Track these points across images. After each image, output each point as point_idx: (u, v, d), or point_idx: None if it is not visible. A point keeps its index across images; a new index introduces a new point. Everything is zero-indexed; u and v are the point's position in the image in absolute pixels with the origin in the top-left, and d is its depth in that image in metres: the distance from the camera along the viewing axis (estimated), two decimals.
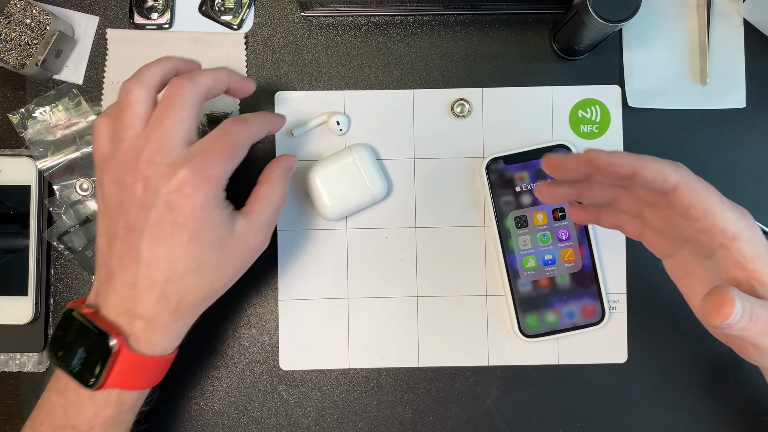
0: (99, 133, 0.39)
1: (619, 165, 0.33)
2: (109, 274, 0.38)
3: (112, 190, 0.38)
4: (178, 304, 0.38)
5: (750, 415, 0.51)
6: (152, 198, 0.36)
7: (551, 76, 0.51)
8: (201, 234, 0.37)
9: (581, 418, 0.51)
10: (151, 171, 0.36)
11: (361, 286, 0.51)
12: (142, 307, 0.37)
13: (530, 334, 0.49)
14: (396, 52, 0.52)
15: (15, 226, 0.50)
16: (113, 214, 0.38)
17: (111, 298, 0.37)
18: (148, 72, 0.39)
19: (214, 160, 0.37)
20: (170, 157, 0.36)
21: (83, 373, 0.37)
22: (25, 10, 0.48)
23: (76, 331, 0.37)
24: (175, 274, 0.37)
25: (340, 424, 0.51)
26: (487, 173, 0.49)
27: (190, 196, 0.36)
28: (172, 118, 0.37)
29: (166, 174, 0.36)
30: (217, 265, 0.38)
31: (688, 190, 0.33)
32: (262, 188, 0.42)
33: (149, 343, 0.38)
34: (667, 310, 0.51)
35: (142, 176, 0.36)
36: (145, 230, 0.36)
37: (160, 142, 0.36)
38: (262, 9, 0.52)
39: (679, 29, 0.51)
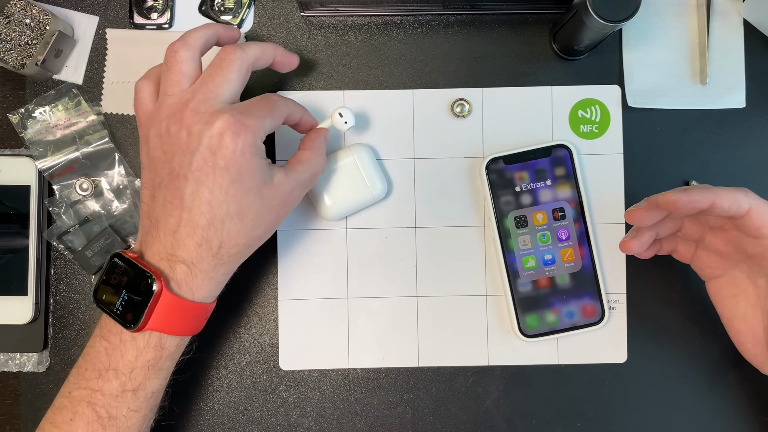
0: (141, 94, 0.41)
1: (698, 201, 0.38)
2: (153, 222, 0.39)
3: (157, 141, 0.39)
4: (219, 249, 0.39)
5: (750, 415, 0.51)
6: (195, 143, 0.38)
7: (551, 76, 0.51)
8: (241, 178, 0.38)
9: (581, 418, 0.51)
10: (195, 119, 0.38)
11: (361, 286, 0.51)
12: (184, 252, 0.38)
13: (530, 334, 0.49)
14: (396, 52, 0.52)
15: (15, 226, 0.50)
16: (158, 164, 0.39)
17: (154, 244, 0.39)
18: (194, 35, 0.41)
19: (254, 111, 0.39)
20: (215, 107, 0.39)
21: (125, 314, 0.38)
22: (24, 10, 0.48)
23: (120, 274, 0.39)
24: (217, 217, 0.38)
25: (340, 424, 0.51)
26: (487, 173, 0.49)
27: (231, 140, 0.38)
28: (221, 77, 0.39)
29: (209, 120, 0.38)
30: (257, 212, 0.40)
31: (759, 212, 0.38)
32: (305, 153, 0.44)
33: (189, 288, 0.39)
34: (667, 310, 0.51)
35: (186, 124, 0.38)
36: (188, 174, 0.38)
37: (206, 95, 0.39)
38: (262, 9, 0.52)
39: (679, 29, 0.51)
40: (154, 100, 0.41)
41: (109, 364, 0.39)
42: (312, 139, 0.45)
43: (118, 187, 0.50)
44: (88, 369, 0.40)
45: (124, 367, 0.39)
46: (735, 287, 0.43)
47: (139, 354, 0.39)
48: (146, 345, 0.39)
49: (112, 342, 0.39)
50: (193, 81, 0.40)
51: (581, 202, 0.50)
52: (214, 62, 0.40)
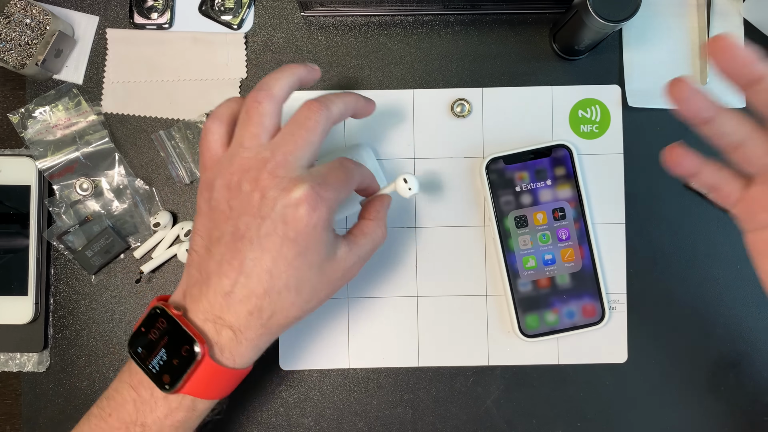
0: (212, 136, 0.39)
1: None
2: (204, 277, 0.37)
3: (223, 194, 0.37)
4: (269, 319, 0.37)
5: (750, 415, 0.51)
6: (268, 209, 0.36)
7: (551, 76, 0.51)
8: (307, 252, 0.37)
9: (581, 418, 0.51)
10: (272, 183, 0.36)
11: (361, 286, 0.51)
12: (234, 317, 0.37)
13: (530, 334, 0.49)
14: (396, 52, 0.52)
15: (15, 226, 0.50)
16: (220, 218, 0.37)
17: (201, 302, 0.37)
18: (278, 85, 0.39)
19: (332, 184, 0.38)
20: (293, 173, 0.37)
21: (162, 374, 0.36)
22: (25, 10, 0.48)
23: (160, 330, 0.37)
24: (274, 288, 0.36)
25: (340, 424, 0.51)
26: (487, 173, 0.49)
27: (307, 214, 0.36)
28: (303, 139, 0.37)
29: (287, 188, 0.36)
30: (314, 286, 0.38)
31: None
32: (369, 224, 0.42)
33: (231, 354, 0.37)
34: (667, 310, 0.51)
35: (261, 186, 0.36)
36: (254, 239, 0.36)
37: (286, 157, 0.37)
38: (262, 9, 0.52)
39: (679, 29, 0.51)
40: (224, 144, 0.39)
41: (137, 419, 0.37)
42: (377, 209, 0.43)
43: (118, 187, 0.50)
44: (112, 415, 0.38)
45: (153, 423, 0.37)
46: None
47: (169, 413, 0.37)
48: (179, 406, 0.37)
49: (142, 395, 0.37)
50: (272, 135, 0.38)
51: (581, 202, 0.50)
52: (297, 119, 0.38)
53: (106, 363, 0.51)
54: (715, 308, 0.45)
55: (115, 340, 0.51)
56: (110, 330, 0.51)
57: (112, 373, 0.51)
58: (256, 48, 0.51)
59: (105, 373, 0.51)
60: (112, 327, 0.51)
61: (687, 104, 0.33)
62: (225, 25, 0.51)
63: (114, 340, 0.51)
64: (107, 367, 0.51)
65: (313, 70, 0.42)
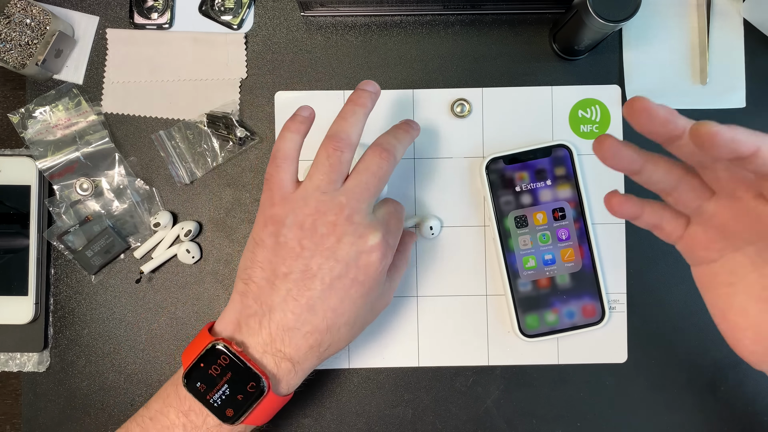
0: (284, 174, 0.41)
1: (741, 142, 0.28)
2: (265, 309, 0.39)
3: (296, 232, 0.39)
4: (325, 351, 0.40)
5: (750, 415, 0.51)
6: (344, 253, 0.38)
7: (551, 76, 0.51)
8: (369, 293, 0.40)
9: (581, 418, 0.51)
10: (349, 228, 0.39)
11: None
12: (294, 351, 0.39)
13: (530, 334, 0.49)
14: (396, 52, 0.52)
15: (15, 226, 0.50)
16: (289, 255, 0.39)
17: (261, 334, 0.38)
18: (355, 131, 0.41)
19: (394, 231, 0.41)
20: (366, 220, 0.39)
21: (224, 408, 0.38)
22: (25, 10, 0.48)
23: (223, 366, 0.38)
24: (336, 324, 0.39)
25: (340, 424, 0.51)
26: (487, 173, 0.49)
27: (378, 261, 0.39)
28: (375, 187, 0.40)
29: (363, 234, 0.39)
30: (365, 320, 0.42)
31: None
32: (401, 257, 0.45)
33: (287, 384, 0.39)
34: (667, 310, 0.51)
35: (338, 231, 0.38)
36: (326, 279, 0.38)
37: (361, 205, 0.39)
38: (262, 9, 0.52)
39: (679, 29, 0.51)
40: (295, 182, 0.41)
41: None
42: (405, 242, 0.46)
43: (118, 187, 0.50)
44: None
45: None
46: (733, 274, 0.34)
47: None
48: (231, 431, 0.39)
49: (194, 421, 0.38)
50: (344, 180, 0.40)
51: (581, 202, 0.50)
52: (369, 167, 0.40)
53: (106, 363, 0.51)
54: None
55: (115, 340, 0.51)
56: (110, 330, 0.51)
57: (112, 373, 0.51)
58: (256, 48, 0.52)
59: (105, 373, 0.51)
60: (112, 327, 0.51)
61: (614, 160, 0.33)
62: (225, 25, 0.51)
63: (114, 340, 0.51)
64: (107, 367, 0.51)
65: (414, 129, 0.45)
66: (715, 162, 0.32)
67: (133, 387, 0.51)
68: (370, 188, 0.40)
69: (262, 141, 0.51)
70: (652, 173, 0.34)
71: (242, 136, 0.50)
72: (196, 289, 0.51)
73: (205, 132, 0.50)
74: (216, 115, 0.50)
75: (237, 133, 0.50)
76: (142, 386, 0.51)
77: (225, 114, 0.50)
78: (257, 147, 0.51)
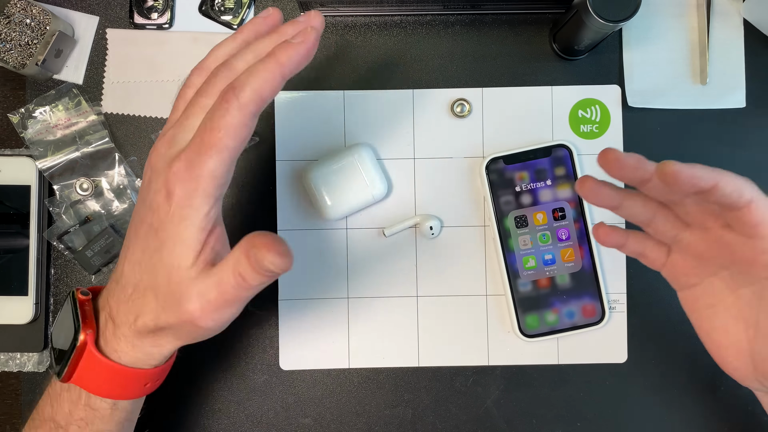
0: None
1: (701, 178, 0.32)
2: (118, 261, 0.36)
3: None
4: (135, 321, 0.34)
5: (750, 415, 0.51)
6: (142, 198, 0.35)
7: (551, 76, 0.51)
8: (164, 245, 0.33)
9: (581, 418, 0.51)
10: (154, 176, 0.34)
11: (361, 286, 0.51)
12: (115, 307, 0.35)
13: (530, 334, 0.49)
14: (396, 52, 0.52)
15: (15, 226, 0.50)
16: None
17: (105, 288, 0.37)
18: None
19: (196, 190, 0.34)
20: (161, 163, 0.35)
21: (57, 361, 0.36)
22: (25, 10, 0.48)
23: (66, 315, 0.36)
24: (141, 283, 0.34)
25: (340, 424, 0.51)
26: (487, 173, 0.49)
27: (164, 200, 0.33)
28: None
29: (165, 182, 0.34)
30: (168, 295, 0.33)
31: (760, 206, 0.33)
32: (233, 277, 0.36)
33: (114, 349, 0.35)
34: (667, 310, 0.51)
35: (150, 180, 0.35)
36: (131, 227, 0.35)
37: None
38: (262, 9, 0.52)
39: (679, 29, 0.51)
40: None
41: (51, 413, 0.36)
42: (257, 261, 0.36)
43: (118, 187, 0.50)
44: (36, 419, 0.37)
45: (61, 419, 0.36)
46: (712, 297, 0.38)
47: (71, 409, 0.36)
48: (77, 400, 0.36)
49: (54, 389, 0.37)
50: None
51: (581, 202, 0.50)
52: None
53: None
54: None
55: None
56: None
57: None
58: None
59: None
60: None
61: (595, 197, 0.37)
62: (225, 25, 0.51)
63: None
64: None
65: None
66: (684, 198, 0.36)
67: None
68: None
69: (262, 141, 0.51)
70: (630, 207, 0.38)
71: None
72: None
73: None
74: None
75: None
76: None
77: None
78: (257, 147, 0.51)
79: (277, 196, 0.51)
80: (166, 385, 0.43)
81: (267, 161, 0.51)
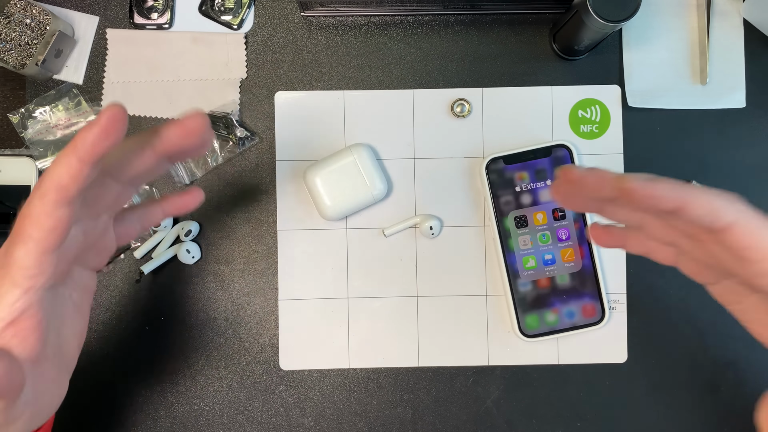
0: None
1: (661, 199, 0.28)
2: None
3: None
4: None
5: (750, 415, 0.51)
6: None
7: (551, 76, 0.51)
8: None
9: (581, 418, 0.51)
10: None
11: (361, 286, 0.51)
12: None
13: (530, 334, 0.49)
14: (396, 52, 0.52)
15: None
16: None
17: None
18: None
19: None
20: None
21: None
22: (25, 10, 0.48)
23: None
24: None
25: (340, 424, 0.51)
26: (487, 173, 0.49)
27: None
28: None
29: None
30: None
31: (745, 230, 0.29)
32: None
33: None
34: (667, 310, 0.51)
35: None
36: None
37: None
38: (262, 9, 0.52)
39: (679, 29, 0.51)
40: None
41: None
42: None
43: None
44: None
45: None
46: (736, 295, 0.34)
47: None
48: None
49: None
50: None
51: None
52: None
53: (105, 363, 0.51)
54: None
55: (114, 340, 0.51)
56: (110, 330, 0.51)
57: (112, 373, 0.51)
58: (256, 48, 0.51)
59: (104, 373, 0.51)
60: (112, 327, 0.51)
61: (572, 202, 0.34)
62: (225, 25, 0.51)
63: (113, 341, 0.51)
64: (106, 367, 0.51)
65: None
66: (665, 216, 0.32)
67: (133, 387, 0.51)
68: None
69: (262, 141, 0.51)
70: (614, 213, 0.34)
71: (242, 136, 0.50)
72: (196, 289, 0.51)
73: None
74: (216, 115, 0.50)
75: (237, 133, 0.50)
76: (141, 387, 0.51)
77: (225, 114, 0.50)
78: (257, 147, 0.51)
79: (277, 196, 0.51)
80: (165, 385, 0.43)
81: (267, 161, 0.51)
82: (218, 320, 0.51)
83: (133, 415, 0.50)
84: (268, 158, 0.51)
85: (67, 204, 0.30)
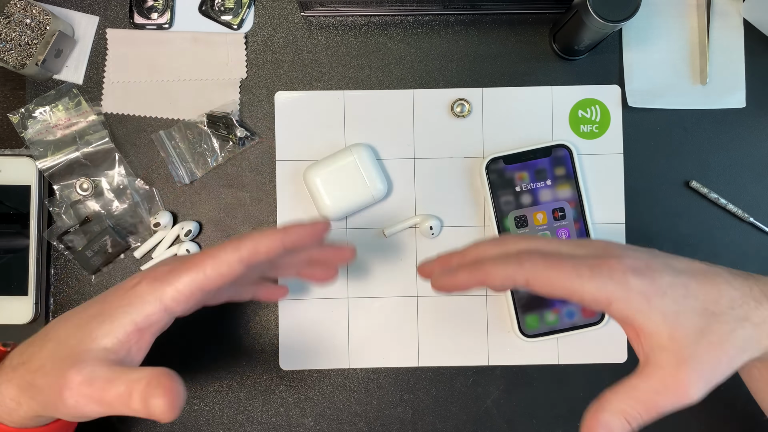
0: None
1: (462, 284, 0.33)
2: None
3: None
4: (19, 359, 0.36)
5: (750, 415, 0.51)
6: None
7: (551, 76, 0.51)
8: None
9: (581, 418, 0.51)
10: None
11: (361, 286, 0.51)
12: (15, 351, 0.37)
13: (530, 334, 0.49)
14: (396, 52, 0.52)
15: (15, 226, 0.50)
16: None
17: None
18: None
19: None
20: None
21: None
22: (25, 10, 0.48)
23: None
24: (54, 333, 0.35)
25: (340, 424, 0.51)
26: (487, 173, 0.49)
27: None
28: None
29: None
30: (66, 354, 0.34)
31: (540, 282, 0.32)
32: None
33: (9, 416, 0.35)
34: None
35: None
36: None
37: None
38: (262, 9, 0.52)
39: (679, 29, 0.51)
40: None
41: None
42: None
43: (118, 187, 0.50)
44: None
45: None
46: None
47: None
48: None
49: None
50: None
51: (581, 202, 0.50)
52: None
53: None
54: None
55: None
56: None
57: None
58: (256, 48, 0.51)
59: None
60: None
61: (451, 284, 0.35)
62: (225, 25, 0.51)
63: None
64: None
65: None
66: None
67: None
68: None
69: (262, 141, 0.51)
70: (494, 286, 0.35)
71: (242, 136, 0.50)
72: None
73: (205, 132, 0.50)
74: (216, 115, 0.50)
75: (237, 133, 0.50)
76: None
77: (225, 114, 0.50)
78: (257, 147, 0.51)
79: (277, 196, 0.51)
80: None
81: (267, 161, 0.51)
82: (218, 320, 0.51)
83: None
84: (268, 158, 0.51)
85: (246, 266, 0.35)
